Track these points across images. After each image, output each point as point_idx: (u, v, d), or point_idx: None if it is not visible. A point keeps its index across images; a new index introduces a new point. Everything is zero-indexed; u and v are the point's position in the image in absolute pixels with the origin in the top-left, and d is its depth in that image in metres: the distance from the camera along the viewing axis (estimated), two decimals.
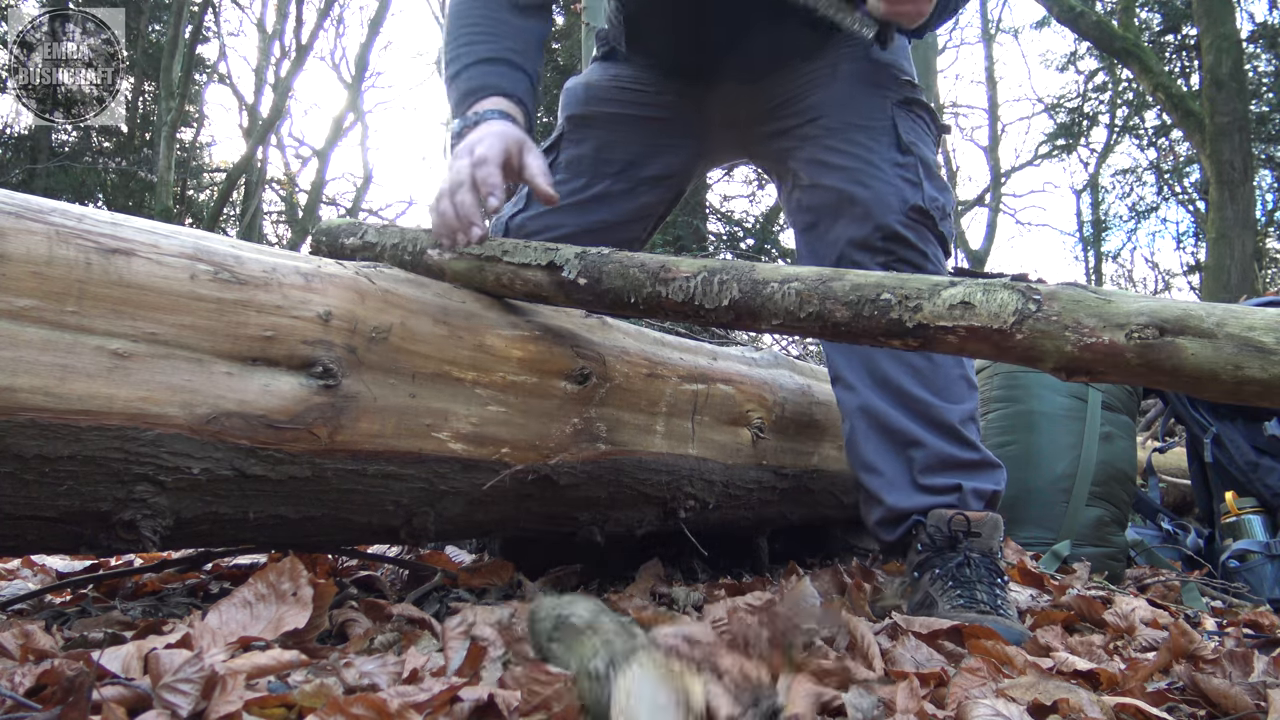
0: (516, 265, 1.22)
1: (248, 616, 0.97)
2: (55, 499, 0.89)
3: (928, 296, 0.93)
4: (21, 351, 0.84)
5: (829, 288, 0.99)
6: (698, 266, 1.09)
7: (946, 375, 1.49)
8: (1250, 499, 2.23)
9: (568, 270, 1.18)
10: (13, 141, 14.56)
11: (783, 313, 1.02)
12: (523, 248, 1.24)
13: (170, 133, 12.25)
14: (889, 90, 1.57)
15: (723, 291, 1.06)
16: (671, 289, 1.09)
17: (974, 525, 1.40)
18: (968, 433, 1.48)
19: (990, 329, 0.89)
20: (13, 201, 0.87)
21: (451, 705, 0.78)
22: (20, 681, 0.72)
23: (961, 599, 1.32)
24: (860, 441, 1.50)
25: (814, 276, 1.01)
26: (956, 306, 0.91)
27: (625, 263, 1.15)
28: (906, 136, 1.54)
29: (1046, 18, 14.24)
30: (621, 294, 1.14)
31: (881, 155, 1.51)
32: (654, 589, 1.50)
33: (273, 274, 1.02)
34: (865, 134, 1.53)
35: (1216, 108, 7.99)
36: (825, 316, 0.99)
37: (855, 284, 0.98)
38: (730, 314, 1.06)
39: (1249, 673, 1.09)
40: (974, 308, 0.90)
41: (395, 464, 1.12)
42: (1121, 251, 22.08)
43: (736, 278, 1.05)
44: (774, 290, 1.02)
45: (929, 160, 1.55)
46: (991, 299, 0.89)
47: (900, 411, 1.46)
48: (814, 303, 0.99)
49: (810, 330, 1.02)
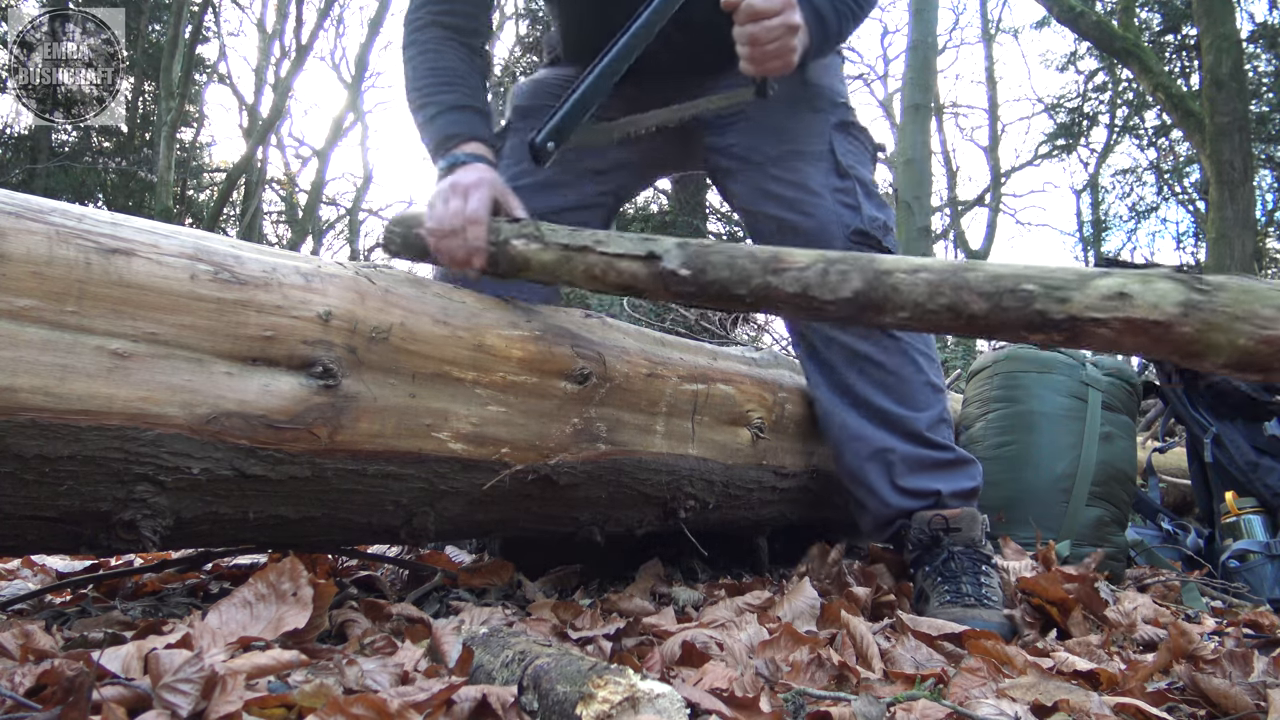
0: (611, 255, 1.18)
1: (248, 616, 0.97)
2: (55, 499, 0.89)
3: (1076, 287, 0.87)
4: (21, 351, 0.84)
5: (963, 278, 0.93)
6: (813, 256, 1.03)
7: (911, 383, 1.58)
8: (1250, 499, 2.23)
9: (668, 260, 1.12)
10: (13, 141, 14.57)
11: (910, 305, 0.95)
12: (617, 238, 1.19)
13: (170, 133, 12.25)
14: (826, 114, 1.63)
15: (843, 282, 0.99)
16: (785, 280, 1.03)
17: (952, 522, 1.51)
18: (938, 436, 1.58)
19: (1150, 321, 0.82)
20: (13, 201, 0.87)
21: (450, 706, 0.78)
22: (20, 681, 0.72)
23: (949, 593, 1.42)
24: (841, 453, 1.62)
25: (945, 267, 0.95)
26: (1111, 297, 0.84)
27: (732, 253, 1.09)
28: (844, 160, 1.60)
29: (1046, 18, 14.24)
30: (728, 285, 1.08)
31: (820, 182, 1.58)
32: (654, 589, 1.50)
33: (273, 274, 1.02)
34: (803, 160, 1.59)
35: (1216, 108, 7.98)
36: (959, 309, 0.92)
37: (993, 274, 0.92)
38: (851, 306, 0.99)
39: (1249, 673, 1.09)
40: (1131, 298, 0.83)
41: (395, 464, 1.12)
42: (1121, 251, 22.06)
43: (858, 268, 0.99)
44: (901, 280, 0.96)
45: (866, 180, 1.62)
46: (1151, 289, 0.83)
47: (871, 423, 1.57)
48: (946, 293, 0.93)
49: (941, 324, 0.95)
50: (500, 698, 0.78)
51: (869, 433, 1.57)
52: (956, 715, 0.87)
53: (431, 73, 1.50)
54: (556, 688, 0.74)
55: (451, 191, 1.32)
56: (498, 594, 1.42)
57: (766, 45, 1.33)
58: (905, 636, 1.21)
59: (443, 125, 1.46)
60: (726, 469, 1.55)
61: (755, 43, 1.32)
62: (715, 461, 1.52)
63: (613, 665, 0.76)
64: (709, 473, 1.51)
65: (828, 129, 1.61)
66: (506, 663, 0.83)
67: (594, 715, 0.69)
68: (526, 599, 1.40)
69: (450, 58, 1.51)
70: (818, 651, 1.06)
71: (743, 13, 1.31)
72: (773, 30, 1.31)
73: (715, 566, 1.78)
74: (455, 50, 1.52)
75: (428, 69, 1.51)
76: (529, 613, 1.27)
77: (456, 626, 1.02)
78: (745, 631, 1.16)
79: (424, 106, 1.49)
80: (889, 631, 1.25)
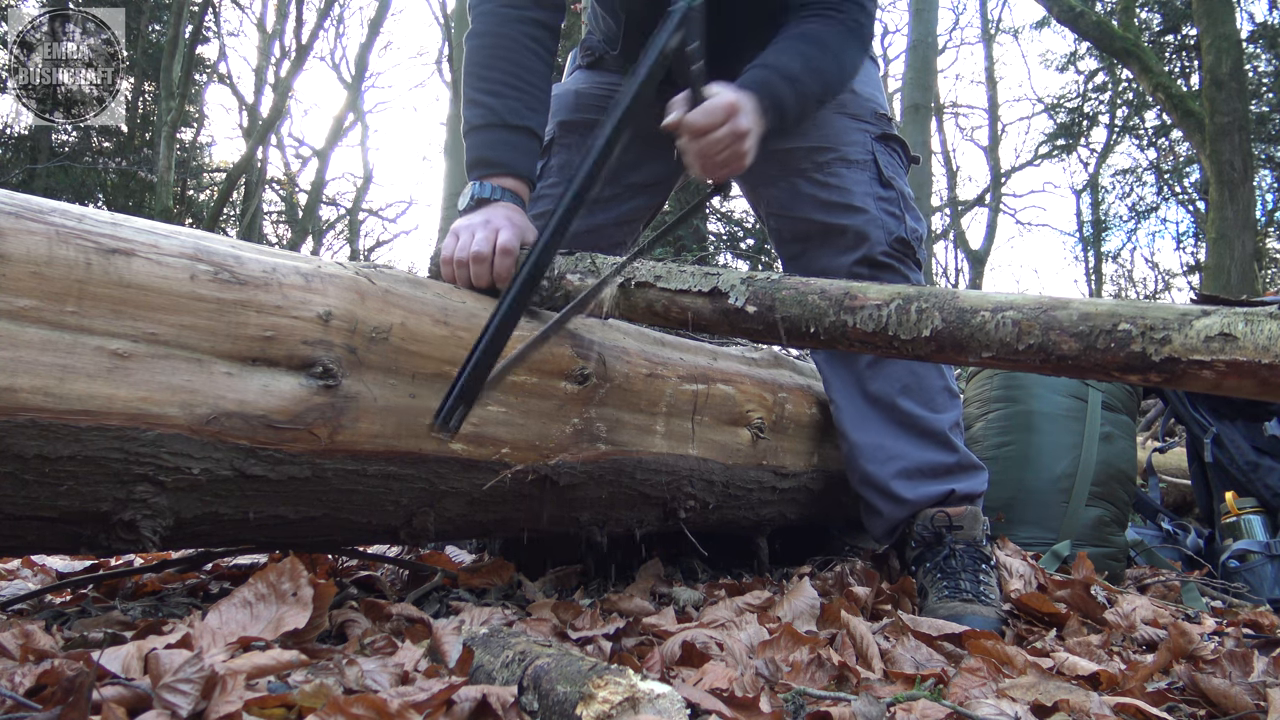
0: (673, 291, 1.16)
1: (248, 616, 0.97)
2: (55, 499, 0.89)
3: (1177, 328, 0.84)
4: (21, 351, 0.84)
5: (1053, 317, 0.89)
6: (890, 293, 1.01)
7: (931, 387, 1.60)
8: (1250, 499, 2.23)
9: (734, 297, 1.10)
10: (13, 141, 14.56)
11: (996, 344, 0.92)
12: (678, 271, 1.17)
13: (170, 133, 12.24)
14: (868, 124, 1.64)
15: (922, 321, 0.97)
16: (860, 318, 1.01)
17: (954, 520, 1.54)
18: (955, 439, 1.60)
19: (1258, 364, 0.80)
20: (13, 201, 0.87)
21: (450, 706, 0.78)
22: (20, 681, 0.72)
23: (947, 589, 1.44)
24: (857, 458, 1.62)
25: (1032, 305, 0.92)
26: (1214, 339, 0.82)
27: (802, 289, 1.06)
28: (887, 171, 1.61)
29: (1046, 18, 14.24)
30: (798, 323, 1.06)
31: (865, 189, 1.59)
32: (654, 589, 1.50)
33: (273, 274, 1.02)
34: (848, 166, 1.60)
35: (1216, 108, 7.98)
36: (1049, 349, 0.89)
37: (1084, 313, 0.89)
38: (931, 345, 0.97)
39: (1249, 673, 1.09)
40: (1236, 340, 0.81)
41: (395, 464, 1.12)
42: (1121, 251, 22.11)
43: (938, 305, 0.96)
44: (985, 320, 0.93)
45: (907, 193, 1.65)
46: (1258, 330, 0.80)
47: (893, 426, 1.58)
48: (1035, 334, 0.90)
49: (1030, 364, 0.92)
50: (500, 698, 0.78)
51: (889, 437, 1.58)
52: (956, 715, 0.87)
53: (493, 62, 1.44)
54: (557, 688, 0.74)
55: (483, 227, 1.32)
56: (498, 594, 1.42)
57: (715, 157, 1.29)
58: (905, 636, 1.21)
59: (489, 142, 1.42)
60: (726, 469, 1.55)
61: (704, 156, 1.29)
62: (715, 462, 1.52)
63: (613, 665, 0.76)
64: (709, 473, 1.51)
65: (870, 140, 1.62)
66: (507, 663, 0.83)
67: (594, 715, 0.69)
68: (526, 599, 1.40)
69: (525, 53, 1.46)
70: (818, 651, 1.06)
71: (684, 131, 1.27)
72: (719, 143, 1.27)
73: (715, 566, 1.78)
74: (533, 43, 1.46)
75: (490, 56, 1.45)
76: (529, 613, 1.27)
77: (456, 626, 1.02)
78: (745, 631, 1.16)
79: (474, 104, 1.44)
80: (889, 631, 1.25)
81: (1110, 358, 0.87)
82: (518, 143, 1.43)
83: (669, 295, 1.17)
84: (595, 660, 0.79)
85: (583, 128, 1.71)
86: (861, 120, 1.63)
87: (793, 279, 1.10)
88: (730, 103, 1.26)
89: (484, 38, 1.46)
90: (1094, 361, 0.88)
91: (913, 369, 1.58)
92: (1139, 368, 0.86)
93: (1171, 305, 0.88)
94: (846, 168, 1.59)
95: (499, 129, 1.42)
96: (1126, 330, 0.86)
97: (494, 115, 1.42)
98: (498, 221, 1.33)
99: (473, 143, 1.44)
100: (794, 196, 1.61)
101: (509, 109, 1.42)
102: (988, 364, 0.96)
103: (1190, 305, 0.88)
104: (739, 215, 9.97)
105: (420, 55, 37.78)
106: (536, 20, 1.47)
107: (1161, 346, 0.84)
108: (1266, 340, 0.80)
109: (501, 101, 1.43)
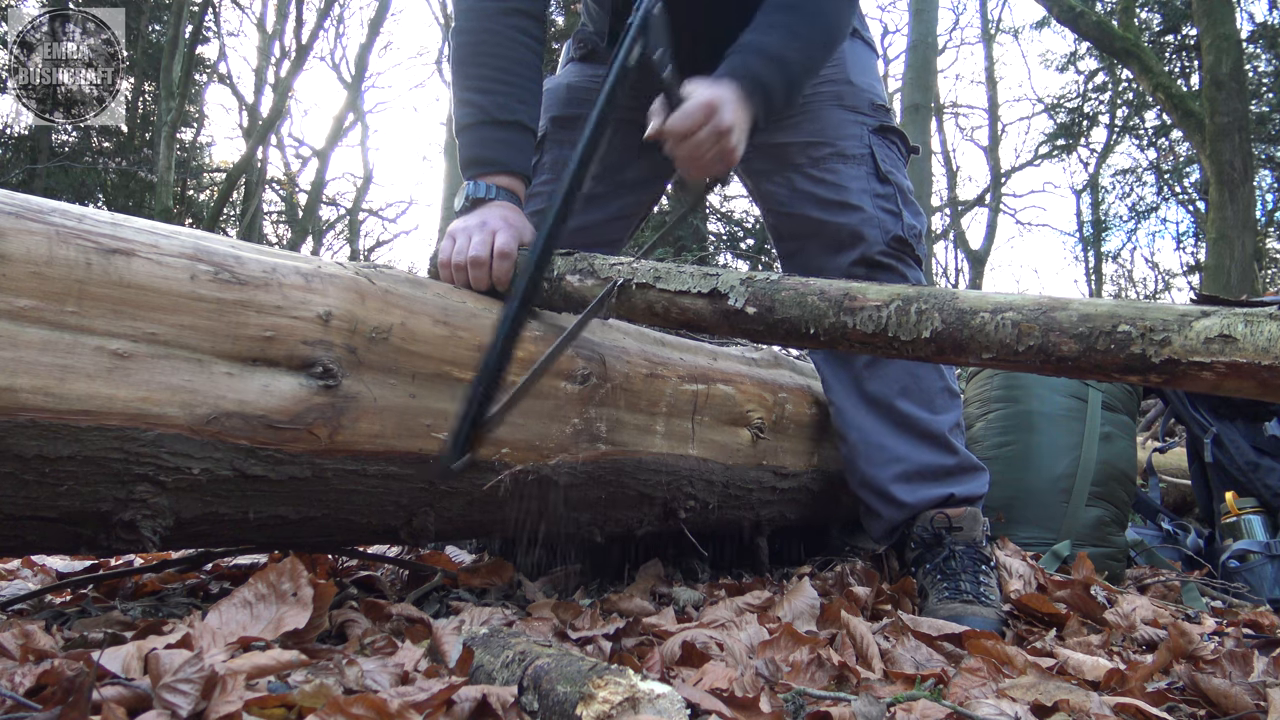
0: (672, 293, 1.16)
1: (248, 617, 0.97)
2: (55, 499, 0.89)
3: (1176, 329, 0.84)
4: (21, 351, 0.84)
5: (1052, 318, 0.90)
6: (889, 294, 1.01)
7: (931, 388, 1.58)
8: (1250, 499, 2.23)
9: (734, 298, 1.10)
10: (13, 141, 14.56)
11: (996, 345, 0.93)
12: (677, 271, 1.17)
13: (170, 133, 12.24)
14: (865, 116, 1.61)
15: (922, 322, 0.97)
16: (859, 319, 1.01)
17: (954, 521, 1.53)
18: (955, 440, 1.59)
19: (1257, 365, 0.80)
20: (13, 201, 0.87)
21: (450, 706, 0.78)
22: (20, 681, 0.72)
23: (947, 590, 1.44)
24: (856, 460, 1.61)
25: (1032, 305, 0.92)
26: (1214, 340, 0.82)
27: (801, 290, 1.06)
28: (884, 166, 1.59)
29: (1046, 18, 14.23)
30: (798, 324, 1.06)
31: (862, 185, 1.56)
32: (654, 589, 1.50)
33: (273, 274, 1.02)
34: (844, 162, 1.58)
35: (1216, 108, 7.98)
36: (1049, 350, 0.89)
37: (1084, 314, 0.89)
38: (931, 346, 0.97)
39: (1249, 673, 1.09)
40: (1235, 341, 0.81)
41: (395, 464, 1.12)
42: (1121, 251, 22.12)
43: (938, 306, 0.96)
44: (984, 321, 0.93)
45: (905, 187, 1.62)
46: (1257, 331, 0.80)
47: (891, 428, 1.57)
48: (1035, 335, 0.90)
49: (1029, 365, 0.93)
50: (500, 698, 0.78)
51: (889, 438, 1.57)
52: (956, 715, 0.87)
53: (481, 58, 1.42)
54: (557, 688, 0.74)
55: (479, 229, 1.30)
56: (498, 594, 1.42)
57: (703, 158, 1.28)
58: (905, 637, 1.21)
59: (480, 139, 1.40)
60: (726, 469, 1.55)
61: (692, 159, 1.28)
62: (715, 462, 1.52)
63: (613, 665, 0.76)
64: (709, 473, 1.51)
65: (867, 133, 1.60)
66: (507, 663, 0.83)
67: (594, 715, 0.69)
68: (526, 599, 1.40)
69: (511, 45, 1.43)
70: (818, 651, 1.06)
71: (666, 139, 1.26)
72: (703, 144, 1.26)
73: (715, 566, 1.78)
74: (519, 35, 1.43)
75: (478, 51, 1.42)
76: (529, 613, 1.27)
77: (456, 626, 1.02)
78: (745, 631, 1.16)
79: (464, 103, 1.42)
80: (889, 632, 1.25)
81: (1110, 359, 0.87)
82: (509, 138, 1.41)
83: (668, 296, 1.17)
84: (595, 660, 0.79)
85: (574, 123, 1.68)
86: (858, 112, 1.61)
87: (792, 280, 1.10)
88: (706, 102, 1.24)
89: (468, 34, 1.44)
90: (1094, 363, 0.88)
91: (911, 370, 1.57)
92: (1139, 369, 0.86)
93: (1171, 306, 0.88)
94: (843, 163, 1.57)
95: (489, 126, 1.40)
96: (1126, 332, 0.86)
97: (483, 112, 1.40)
98: (494, 223, 1.31)
99: (464, 142, 1.42)
100: (790, 193, 1.60)
101: (497, 104, 1.40)
102: (988, 365, 0.96)
103: (1190, 306, 0.87)
104: (739, 215, 9.97)
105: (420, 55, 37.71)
106: (520, 10, 1.44)
107: (1161, 348, 0.84)
108: (1266, 341, 0.80)
109: (489, 98, 1.40)
